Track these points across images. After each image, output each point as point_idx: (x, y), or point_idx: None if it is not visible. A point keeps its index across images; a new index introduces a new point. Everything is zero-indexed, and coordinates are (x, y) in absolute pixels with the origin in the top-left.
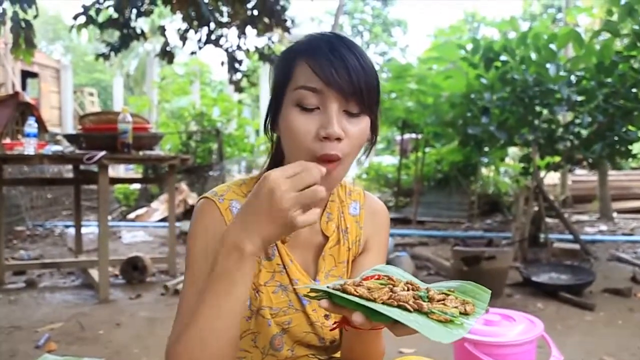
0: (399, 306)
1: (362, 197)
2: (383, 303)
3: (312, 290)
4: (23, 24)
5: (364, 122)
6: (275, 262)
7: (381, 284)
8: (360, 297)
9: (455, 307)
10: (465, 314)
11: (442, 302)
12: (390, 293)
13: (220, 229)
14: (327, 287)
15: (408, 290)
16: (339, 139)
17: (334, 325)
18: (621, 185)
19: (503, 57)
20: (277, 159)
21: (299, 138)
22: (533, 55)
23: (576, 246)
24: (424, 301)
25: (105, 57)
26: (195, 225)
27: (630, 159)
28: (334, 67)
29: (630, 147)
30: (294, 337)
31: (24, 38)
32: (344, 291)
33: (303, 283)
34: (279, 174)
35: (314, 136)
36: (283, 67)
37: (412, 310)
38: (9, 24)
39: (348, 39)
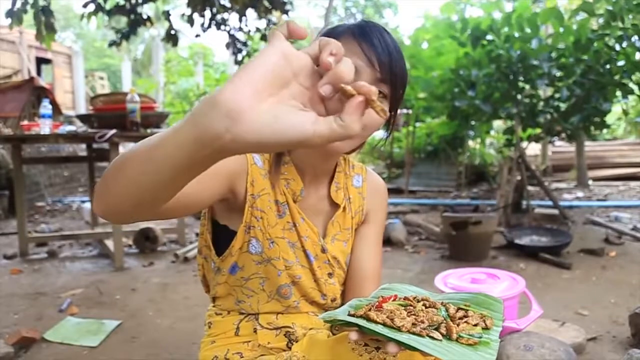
0: (428, 335)
1: (364, 171)
2: (411, 332)
3: (335, 319)
4: (42, 11)
5: None
6: (286, 220)
7: (400, 304)
8: (384, 325)
9: (477, 324)
10: (486, 328)
11: (464, 319)
12: (414, 320)
13: (243, 164)
14: (348, 312)
15: (427, 307)
16: None
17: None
18: (596, 155)
19: (489, 36)
20: None
21: None
22: (517, 34)
23: (555, 211)
24: (446, 320)
25: (117, 44)
26: None
27: (605, 130)
28: (381, 48)
29: (604, 119)
30: (302, 290)
31: (44, 24)
32: (368, 318)
33: (312, 241)
34: None
35: None
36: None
37: (441, 339)
38: (30, 11)
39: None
